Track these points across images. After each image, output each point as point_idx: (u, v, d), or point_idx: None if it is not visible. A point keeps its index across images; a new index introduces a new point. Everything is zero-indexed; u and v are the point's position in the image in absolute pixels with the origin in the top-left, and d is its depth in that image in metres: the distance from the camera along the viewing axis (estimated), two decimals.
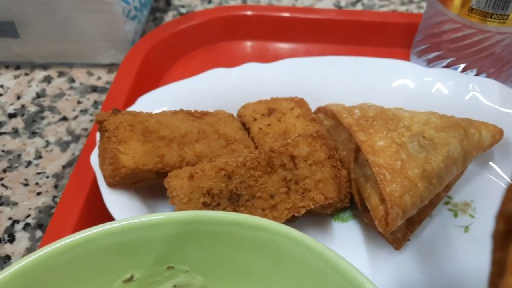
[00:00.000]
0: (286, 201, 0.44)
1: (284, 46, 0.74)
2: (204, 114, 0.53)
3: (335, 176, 0.44)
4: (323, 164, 0.44)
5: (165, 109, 0.53)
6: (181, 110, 0.52)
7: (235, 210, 0.43)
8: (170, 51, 0.69)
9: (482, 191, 0.52)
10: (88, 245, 0.32)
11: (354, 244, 0.48)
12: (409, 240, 0.47)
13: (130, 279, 0.35)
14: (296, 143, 0.45)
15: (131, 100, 0.57)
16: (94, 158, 0.47)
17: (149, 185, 0.48)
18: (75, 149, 0.59)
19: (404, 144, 0.47)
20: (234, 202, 0.44)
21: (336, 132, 0.54)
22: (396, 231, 0.45)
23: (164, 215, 0.34)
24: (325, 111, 0.55)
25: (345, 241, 0.48)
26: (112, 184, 0.45)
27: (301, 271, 0.34)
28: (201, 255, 0.36)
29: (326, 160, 0.44)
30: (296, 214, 0.44)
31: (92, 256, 0.33)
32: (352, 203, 0.49)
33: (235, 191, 0.43)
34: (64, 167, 0.57)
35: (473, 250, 0.47)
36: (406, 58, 0.68)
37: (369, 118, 0.50)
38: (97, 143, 0.48)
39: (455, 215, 0.50)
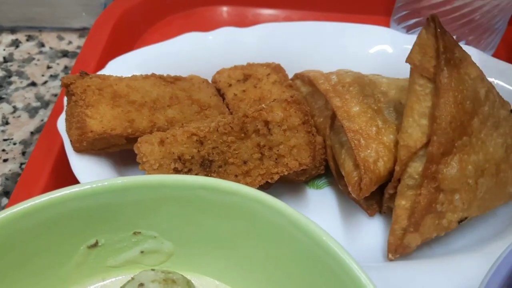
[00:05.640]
0: (260, 167, 0.43)
1: (264, 12, 0.72)
2: (177, 79, 0.51)
3: (309, 142, 0.43)
4: (298, 130, 0.43)
5: (136, 73, 0.51)
6: (153, 75, 0.50)
7: (207, 176, 0.42)
8: (144, 16, 0.67)
9: None
10: (49, 210, 0.31)
11: (329, 211, 0.47)
12: (385, 213, 0.47)
13: (95, 244, 0.34)
14: (270, 108, 0.43)
15: (102, 65, 0.55)
16: (61, 123, 0.46)
17: (120, 151, 0.46)
18: (44, 115, 0.57)
19: (380, 110, 0.46)
20: (206, 168, 0.43)
21: (313, 99, 0.53)
22: (370, 197, 0.45)
23: (129, 179, 0.33)
24: (302, 78, 0.54)
25: (320, 207, 0.48)
26: (80, 149, 0.44)
27: (273, 236, 0.34)
28: (169, 221, 0.35)
29: (301, 125, 0.43)
30: (269, 181, 0.43)
31: (54, 222, 0.32)
32: (328, 170, 0.49)
33: (207, 156, 0.42)
34: (32, 133, 0.55)
35: None
36: (387, 25, 0.67)
37: (345, 84, 0.49)
38: (65, 108, 0.46)
39: None
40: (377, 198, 0.46)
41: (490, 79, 0.53)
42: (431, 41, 0.41)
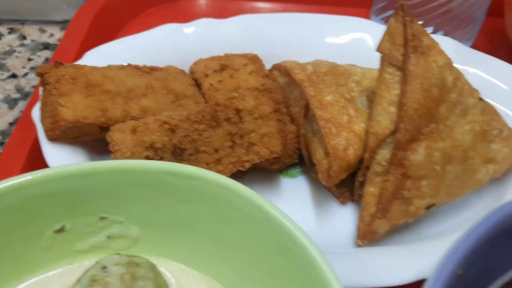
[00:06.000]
0: (231, 155, 0.43)
1: (246, 5, 0.73)
2: (153, 69, 0.51)
3: (280, 130, 0.43)
4: (269, 118, 0.43)
5: (113, 64, 0.52)
6: (129, 65, 0.50)
7: None
8: (125, 8, 0.67)
9: None
10: (12, 195, 0.31)
11: (302, 199, 0.48)
12: (356, 201, 0.47)
13: (61, 229, 0.34)
14: (242, 96, 0.44)
15: (81, 57, 0.55)
16: (36, 112, 0.46)
17: (94, 140, 0.47)
18: (23, 106, 0.57)
19: (353, 99, 0.47)
20: (177, 156, 0.43)
21: (289, 89, 0.53)
22: (341, 185, 0.45)
23: (94, 164, 0.33)
24: (280, 68, 0.54)
25: (293, 196, 0.48)
26: (53, 137, 0.44)
27: (237, 221, 0.34)
28: (136, 206, 0.35)
29: (272, 113, 0.44)
30: (241, 169, 0.43)
31: (18, 206, 0.32)
32: (302, 159, 0.49)
33: (179, 145, 0.43)
34: (11, 124, 0.55)
35: None
36: (368, 17, 0.67)
37: (320, 74, 0.49)
38: (40, 97, 0.46)
39: None
40: (349, 186, 0.46)
41: (466, 68, 0.54)
42: (399, 29, 0.42)
